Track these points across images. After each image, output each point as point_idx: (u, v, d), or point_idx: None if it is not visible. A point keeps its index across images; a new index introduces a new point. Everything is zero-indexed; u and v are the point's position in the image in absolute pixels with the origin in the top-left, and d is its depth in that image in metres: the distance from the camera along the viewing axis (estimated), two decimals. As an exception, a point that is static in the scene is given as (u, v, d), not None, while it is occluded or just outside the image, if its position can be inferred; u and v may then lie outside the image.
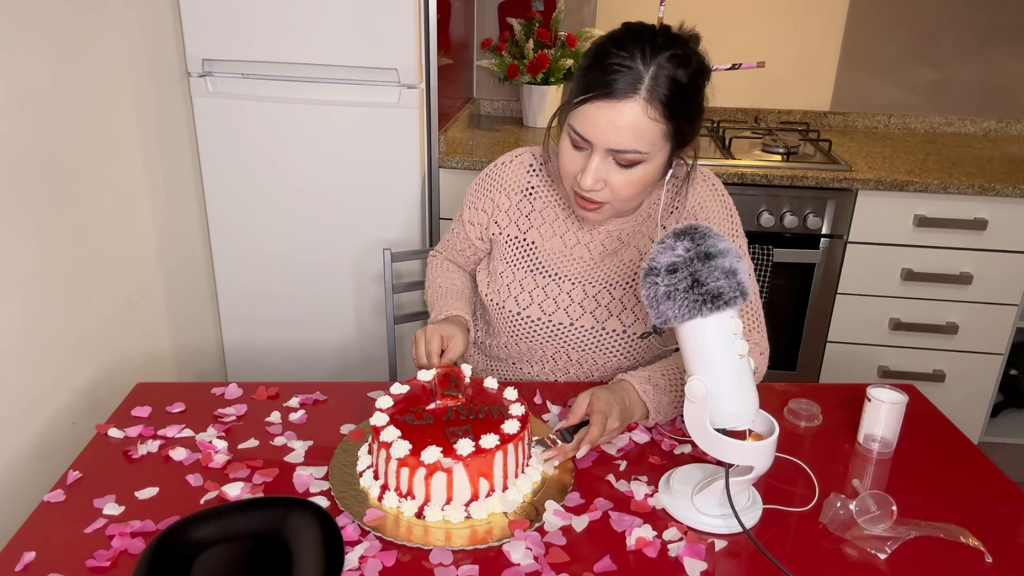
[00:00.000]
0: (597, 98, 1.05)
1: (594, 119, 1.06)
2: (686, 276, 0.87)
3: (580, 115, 1.07)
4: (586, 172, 1.09)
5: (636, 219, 1.26)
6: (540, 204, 1.29)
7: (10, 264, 1.36)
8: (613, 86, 1.04)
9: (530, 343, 1.31)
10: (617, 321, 1.27)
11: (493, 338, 1.37)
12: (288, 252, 2.09)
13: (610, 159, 1.09)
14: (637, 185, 1.11)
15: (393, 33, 1.85)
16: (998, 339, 2.20)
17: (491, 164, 1.35)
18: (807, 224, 2.13)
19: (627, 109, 1.04)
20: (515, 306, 1.29)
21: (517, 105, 2.69)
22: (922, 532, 0.95)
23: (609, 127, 1.05)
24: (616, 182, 1.10)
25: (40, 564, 0.88)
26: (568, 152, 1.13)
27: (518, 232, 1.30)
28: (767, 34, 2.58)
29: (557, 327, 1.28)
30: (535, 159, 1.31)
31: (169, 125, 1.93)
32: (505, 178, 1.31)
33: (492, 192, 1.32)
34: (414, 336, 1.23)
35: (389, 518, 0.94)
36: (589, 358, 1.30)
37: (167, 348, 1.98)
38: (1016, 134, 2.63)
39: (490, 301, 1.33)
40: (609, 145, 1.07)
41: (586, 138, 1.08)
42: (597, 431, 1.04)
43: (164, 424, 1.14)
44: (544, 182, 1.30)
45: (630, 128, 1.05)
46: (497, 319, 1.32)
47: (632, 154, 1.07)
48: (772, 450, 0.93)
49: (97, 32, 1.62)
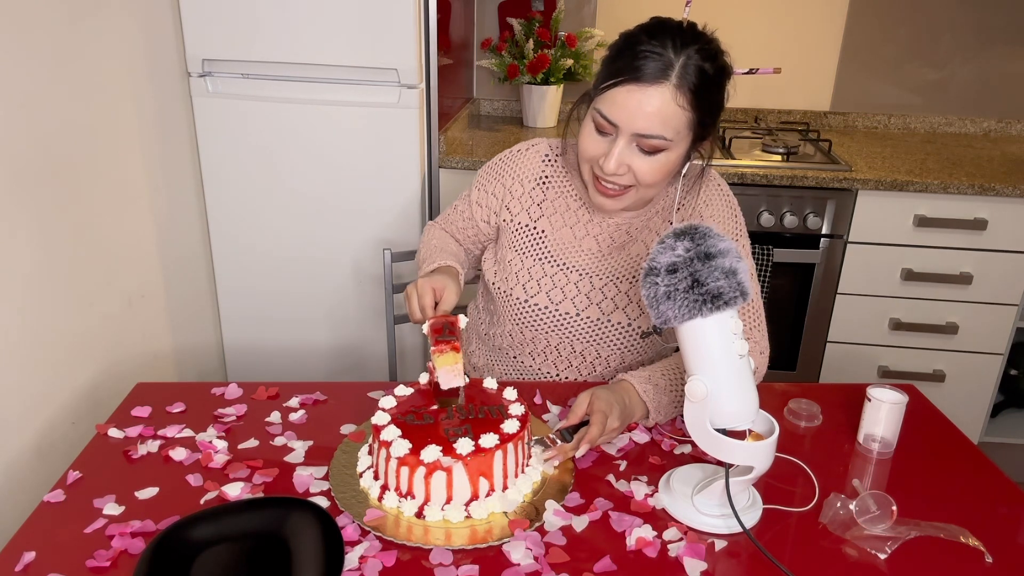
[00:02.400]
0: (627, 82, 1.06)
1: (623, 102, 1.07)
2: (686, 276, 0.87)
3: (608, 99, 1.09)
4: (610, 156, 1.10)
5: (646, 213, 1.27)
6: (552, 194, 1.30)
7: (10, 264, 1.36)
8: (643, 71, 1.06)
9: (535, 332, 1.32)
10: (623, 314, 1.28)
11: (497, 327, 1.37)
12: (288, 252, 2.09)
13: (634, 145, 1.10)
14: (658, 173, 1.12)
15: (393, 33, 1.85)
16: (998, 339, 2.20)
17: (507, 151, 1.36)
18: (807, 224, 2.13)
19: (656, 94, 1.06)
20: (523, 293, 1.30)
21: (517, 105, 2.69)
22: (922, 532, 0.95)
23: (637, 111, 1.07)
24: (638, 168, 1.12)
25: (40, 564, 0.88)
26: (591, 137, 1.13)
27: (529, 220, 1.31)
28: (767, 34, 2.58)
29: (563, 317, 1.29)
30: (552, 150, 1.32)
31: (169, 125, 1.93)
32: (520, 166, 1.32)
33: (505, 178, 1.33)
34: (406, 291, 1.18)
35: (389, 518, 0.94)
36: (592, 350, 1.30)
37: (167, 348, 1.98)
38: (1016, 134, 2.63)
39: (497, 288, 1.33)
40: (636, 129, 1.08)
41: (613, 121, 1.09)
42: (597, 431, 1.04)
43: (164, 424, 1.14)
44: (559, 171, 1.31)
45: (658, 113, 1.07)
46: (503, 306, 1.33)
47: (657, 140, 1.08)
48: (772, 450, 0.93)
49: (97, 32, 1.62)
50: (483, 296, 1.44)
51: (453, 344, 1.03)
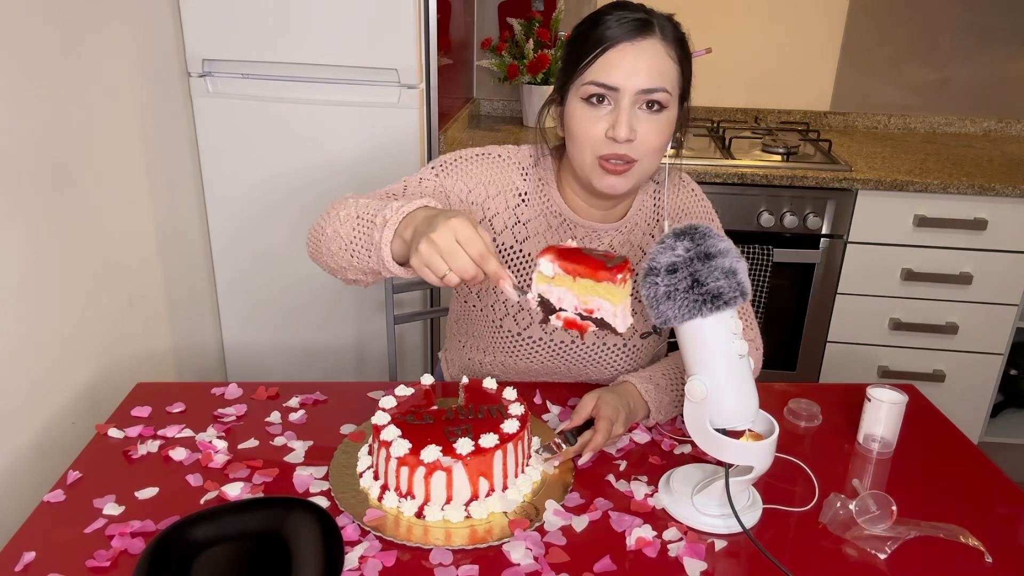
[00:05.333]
0: (617, 42, 1.05)
1: (617, 63, 1.05)
2: (686, 276, 0.87)
3: (600, 66, 1.06)
4: (619, 122, 1.05)
5: (624, 227, 1.23)
6: (533, 212, 1.21)
7: (10, 264, 1.36)
8: (629, 29, 1.05)
9: (529, 363, 1.26)
10: (617, 336, 1.24)
11: (484, 355, 1.29)
12: (288, 252, 2.09)
13: (635, 107, 1.07)
14: (663, 134, 1.08)
15: (393, 33, 1.85)
16: (998, 339, 2.20)
17: (486, 151, 1.22)
18: (807, 224, 2.13)
19: (648, 47, 1.05)
20: (514, 326, 1.23)
21: (517, 105, 2.69)
22: (922, 532, 0.95)
23: (636, 66, 1.05)
24: (645, 131, 1.07)
25: (40, 564, 0.88)
26: (587, 115, 1.08)
27: (514, 242, 1.21)
28: (768, 34, 2.58)
29: (559, 346, 1.24)
30: (528, 160, 1.22)
31: (169, 125, 1.93)
32: (504, 177, 1.20)
33: (489, 185, 1.19)
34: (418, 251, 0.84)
35: (389, 518, 0.94)
36: (590, 371, 1.28)
37: (167, 348, 1.98)
38: (1016, 134, 2.63)
39: (484, 316, 1.25)
40: (638, 86, 1.05)
41: (612, 85, 1.05)
42: (602, 439, 1.04)
43: (164, 424, 1.14)
44: (535, 187, 1.21)
45: (656, 64, 1.06)
46: (493, 337, 1.25)
47: (660, 92, 1.06)
48: (772, 450, 0.93)
49: (97, 32, 1.62)
50: (462, 321, 1.31)
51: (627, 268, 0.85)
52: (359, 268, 1.00)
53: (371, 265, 0.97)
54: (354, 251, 0.98)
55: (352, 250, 0.99)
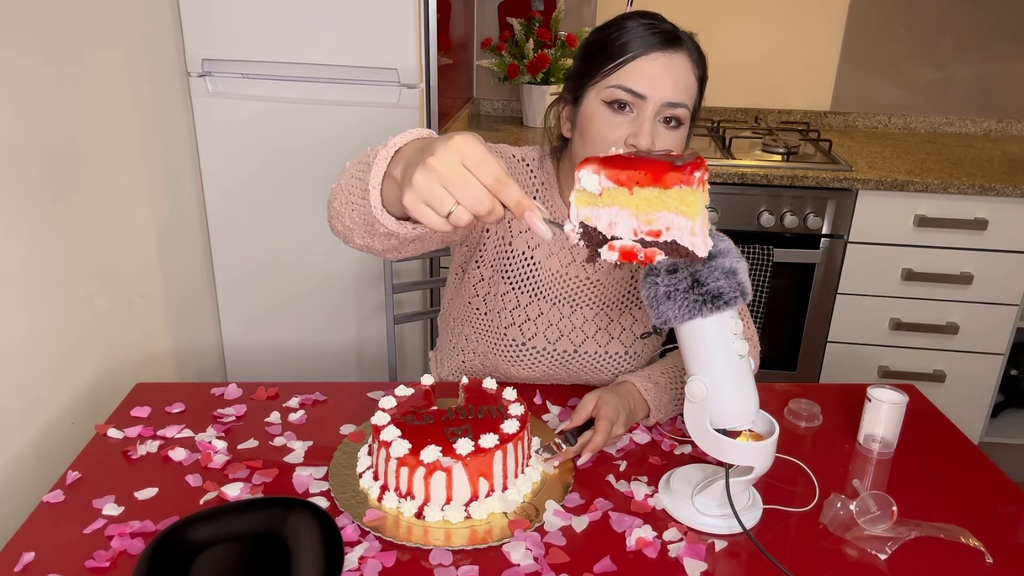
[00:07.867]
0: (650, 51, 1.04)
1: (647, 71, 1.04)
2: (686, 276, 0.87)
3: (629, 73, 1.05)
4: (642, 131, 1.05)
5: None
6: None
7: (10, 264, 1.36)
8: (662, 39, 1.04)
9: (531, 371, 1.26)
10: (619, 344, 1.24)
11: (483, 359, 1.28)
12: (288, 252, 2.09)
13: (656, 118, 1.06)
14: (679, 149, 1.08)
15: (393, 33, 1.85)
16: (998, 339, 2.20)
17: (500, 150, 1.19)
18: (807, 224, 2.13)
19: (679, 60, 1.05)
20: (519, 335, 1.22)
21: (517, 105, 2.69)
22: (922, 532, 0.95)
23: (666, 77, 1.04)
24: (662, 145, 1.07)
25: (39, 564, 0.88)
26: (607, 119, 1.07)
27: (526, 248, 1.20)
28: (767, 34, 2.58)
29: (562, 355, 1.24)
30: (535, 162, 1.22)
31: (169, 125, 1.93)
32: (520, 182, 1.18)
33: None
34: (411, 181, 0.66)
35: (389, 518, 0.94)
36: (591, 379, 1.27)
37: (167, 348, 1.98)
38: (1016, 134, 2.63)
39: (488, 322, 1.24)
40: (664, 98, 1.05)
41: (641, 92, 1.04)
42: (601, 439, 1.04)
43: (163, 424, 1.14)
44: (540, 190, 1.21)
45: (683, 79, 1.06)
46: (497, 344, 1.24)
47: (681, 108, 1.06)
48: (772, 450, 0.93)
49: (97, 32, 1.61)
50: (461, 322, 1.29)
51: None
52: (360, 224, 0.82)
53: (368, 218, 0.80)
54: (352, 203, 0.82)
55: (351, 202, 0.82)
